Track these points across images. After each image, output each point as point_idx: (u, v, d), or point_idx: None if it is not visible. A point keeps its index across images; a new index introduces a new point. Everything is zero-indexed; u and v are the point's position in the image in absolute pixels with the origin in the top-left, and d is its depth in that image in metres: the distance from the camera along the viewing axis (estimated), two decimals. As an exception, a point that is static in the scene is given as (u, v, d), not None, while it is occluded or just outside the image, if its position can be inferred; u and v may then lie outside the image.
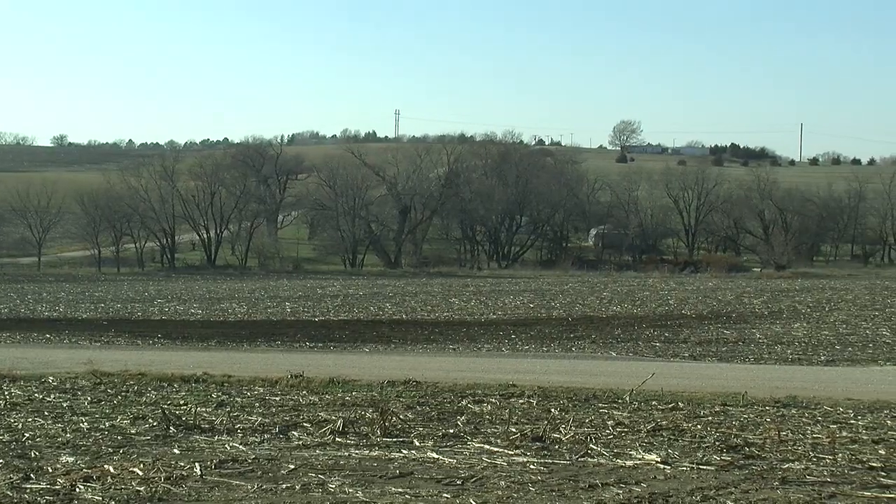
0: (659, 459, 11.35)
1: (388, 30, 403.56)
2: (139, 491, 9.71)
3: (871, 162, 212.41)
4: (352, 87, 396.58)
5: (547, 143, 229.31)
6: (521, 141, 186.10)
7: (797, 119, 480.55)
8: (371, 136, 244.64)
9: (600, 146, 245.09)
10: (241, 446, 12.12)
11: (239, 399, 16.60)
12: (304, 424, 13.78)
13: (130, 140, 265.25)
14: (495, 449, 12.01)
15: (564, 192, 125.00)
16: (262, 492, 9.81)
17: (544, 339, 37.60)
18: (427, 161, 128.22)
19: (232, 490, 9.85)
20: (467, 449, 12.05)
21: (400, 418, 14.24)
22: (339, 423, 13.40)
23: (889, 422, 14.48)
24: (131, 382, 18.80)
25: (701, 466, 11.07)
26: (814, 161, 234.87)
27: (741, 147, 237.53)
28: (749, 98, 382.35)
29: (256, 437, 12.85)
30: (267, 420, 14.10)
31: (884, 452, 11.97)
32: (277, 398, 16.69)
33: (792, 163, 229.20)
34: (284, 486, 10.04)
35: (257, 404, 15.90)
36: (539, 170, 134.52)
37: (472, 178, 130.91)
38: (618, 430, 13.51)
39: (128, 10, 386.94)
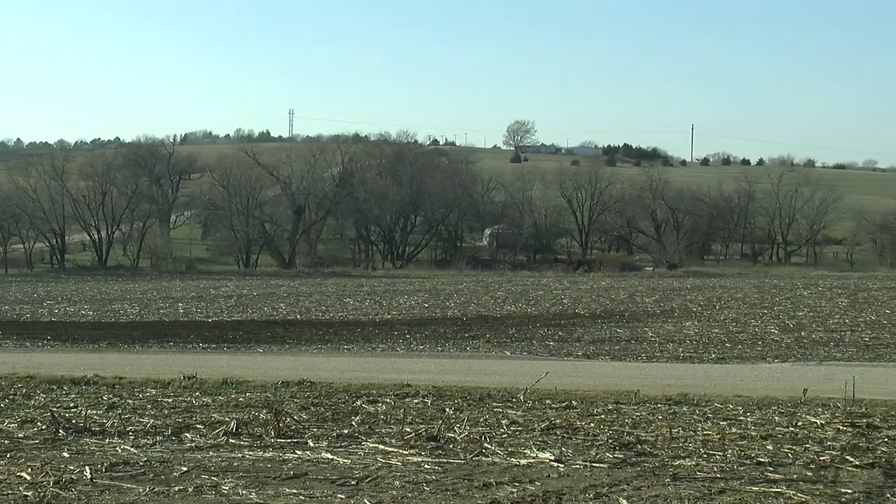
0: (552, 458, 11.40)
1: (280, 28, 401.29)
2: (27, 496, 9.51)
3: (760, 162, 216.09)
4: (245, 86, 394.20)
5: (441, 143, 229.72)
6: (416, 141, 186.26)
7: (688, 120, 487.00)
8: (265, 136, 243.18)
9: (494, 146, 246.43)
10: (132, 449, 11.95)
11: (130, 401, 16.38)
12: (197, 426, 13.64)
13: (18, 139, 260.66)
14: (390, 449, 11.99)
15: (459, 192, 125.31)
16: (153, 494, 9.68)
17: (439, 339, 37.64)
18: (321, 161, 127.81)
19: (123, 493, 9.70)
20: (362, 449, 12.01)
21: (294, 419, 14.16)
22: (233, 424, 13.29)
23: (777, 418, 14.70)
24: (19, 385, 18.47)
25: (594, 464, 11.15)
26: (705, 161, 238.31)
27: (634, 147, 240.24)
28: (641, 99, 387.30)
29: (148, 439, 12.69)
30: (159, 422, 13.92)
31: (772, 448, 12.15)
32: (170, 400, 16.51)
33: (683, 163, 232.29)
34: (177, 488, 9.92)
35: (149, 406, 15.70)
36: (433, 170, 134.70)
37: (367, 177, 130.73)
38: (512, 428, 13.55)
39: (12, 7, 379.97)
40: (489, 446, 12.12)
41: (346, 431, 13.27)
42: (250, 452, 11.78)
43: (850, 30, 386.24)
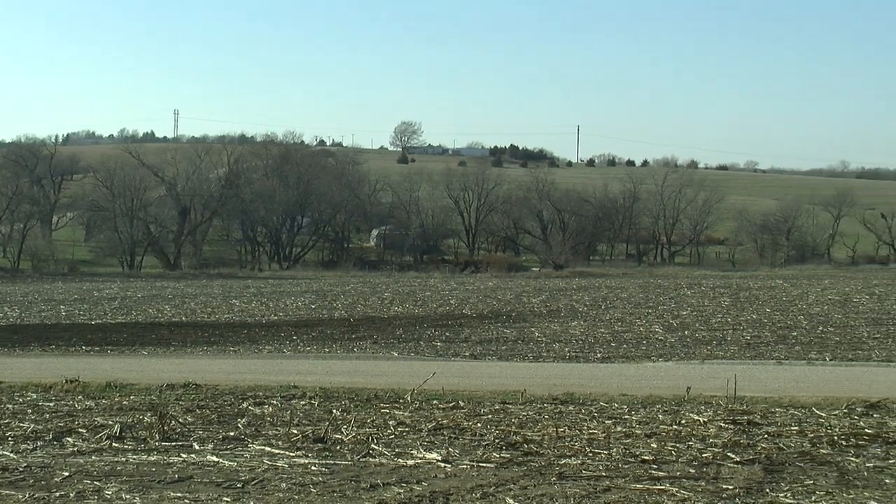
0: (440, 458, 11.43)
1: (164, 27, 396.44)
2: None
3: (645, 163, 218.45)
4: (129, 86, 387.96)
5: (328, 143, 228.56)
6: (303, 141, 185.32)
7: (574, 121, 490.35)
8: (150, 137, 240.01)
9: (381, 147, 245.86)
10: (11, 454, 11.74)
11: (10, 406, 16.08)
12: (80, 430, 13.44)
13: None
14: (276, 451, 11.93)
15: (346, 193, 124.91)
16: (34, 500, 9.52)
17: (326, 340, 37.51)
18: (207, 161, 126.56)
19: (2, 500, 9.52)
20: (248, 451, 11.94)
21: (179, 422, 14.02)
22: (117, 427, 13.13)
23: (661, 416, 14.90)
24: None
25: (481, 464, 11.20)
26: (590, 162, 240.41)
27: (520, 148, 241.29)
28: (528, 100, 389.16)
29: (28, 444, 12.47)
30: (40, 427, 13.69)
31: (656, 446, 12.32)
32: (51, 404, 16.24)
33: (569, 164, 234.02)
34: (58, 494, 9.76)
35: (30, 411, 15.43)
36: (320, 170, 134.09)
37: (253, 178, 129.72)
38: (399, 429, 13.56)
39: None
40: (376, 447, 12.12)
41: (232, 434, 13.18)
42: (134, 456, 11.64)
43: (730, 31, 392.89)
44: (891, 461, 11.59)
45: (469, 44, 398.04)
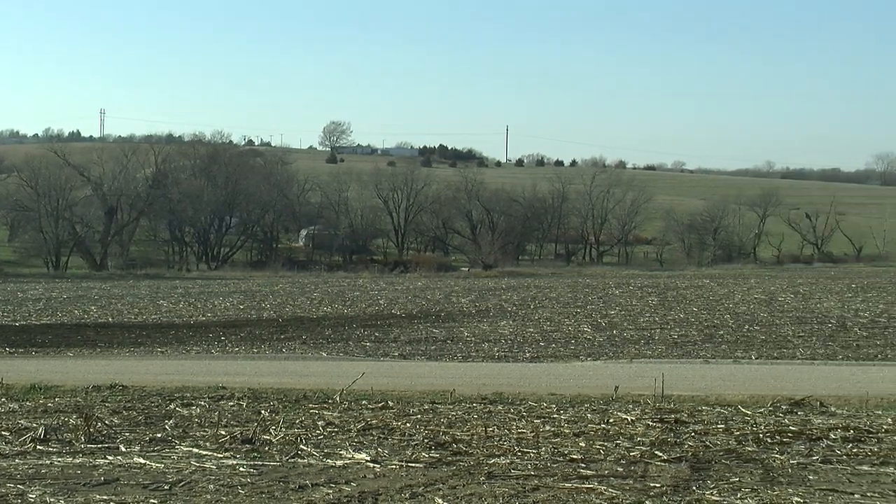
0: (369, 458, 11.42)
1: (90, 26, 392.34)
2: None
3: (574, 163, 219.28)
4: (54, 85, 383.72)
5: (257, 143, 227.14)
6: (231, 141, 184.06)
7: (503, 121, 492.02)
8: (75, 136, 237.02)
9: (310, 147, 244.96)
10: (-67, 458, 11.57)
11: (-69, 409, 15.85)
12: (3, 433, 13.28)
13: None
14: (204, 452, 11.86)
15: (274, 193, 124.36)
16: (-45, 505, 9.38)
17: (255, 341, 37.33)
18: (134, 161, 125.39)
19: (-77, 505, 9.39)
20: (175, 453, 11.85)
21: (105, 423, 13.89)
22: (41, 430, 12.98)
23: (589, 415, 14.97)
24: None
25: (410, 464, 11.19)
26: (519, 162, 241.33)
27: (449, 148, 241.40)
28: (457, 100, 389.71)
29: (-50, 448, 12.30)
30: (-38, 430, 13.50)
31: (584, 445, 12.38)
32: (-26, 407, 16.02)
33: (498, 164, 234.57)
34: (-20, 498, 9.63)
35: (-48, 414, 15.21)
36: (249, 170, 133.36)
37: (181, 178, 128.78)
38: (328, 430, 13.54)
39: None
40: (305, 448, 12.08)
41: (159, 435, 13.08)
42: (59, 459, 11.51)
43: (657, 31, 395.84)
44: (814, 458, 11.73)
45: (398, 43, 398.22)
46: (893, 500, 9.77)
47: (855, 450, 12.22)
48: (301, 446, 12.18)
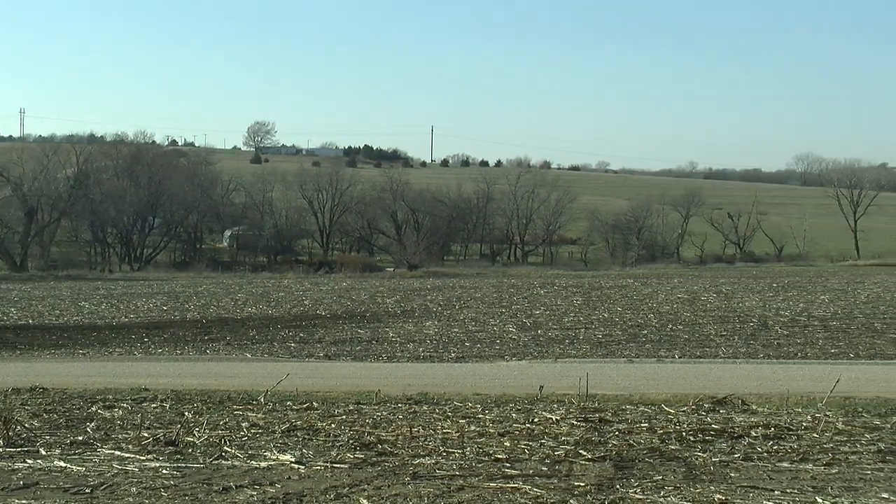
0: (293, 459, 11.38)
1: (9, 24, 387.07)
2: None
3: (499, 164, 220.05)
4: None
5: (180, 143, 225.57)
6: (154, 142, 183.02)
7: (428, 121, 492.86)
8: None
9: (235, 147, 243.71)
10: None
11: None
12: (-80, 437, 13.06)
13: None
14: (126, 455, 11.74)
15: (198, 194, 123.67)
16: None
17: (178, 342, 37.04)
18: (55, 161, 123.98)
19: None
20: (97, 456, 11.73)
21: (25, 427, 13.71)
22: (-41, 434, 12.78)
23: (514, 415, 15.01)
24: None
25: (335, 465, 11.17)
26: (444, 163, 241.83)
27: (374, 149, 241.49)
28: (382, 100, 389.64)
29: None
30: None
31: (509, 444, 12.41)
32: None
33: (424, 164, 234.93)
34: None
35: None
36: (172, 171, 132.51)
37: (103, 179, 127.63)
38: (252, 431, 13.47)
39: None
40: (229, 449, 12.01)
41: (80, 438, 12.94)
42: (-22, 463, 11.35)
43: (582, 31, 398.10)
44: (736, 455, 11.85)
45: (322, 43, 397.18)
46: (812, 496, 9.90)
47: (775, 447, 12.37)
48: (225, 448, 12.11)
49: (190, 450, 12.09)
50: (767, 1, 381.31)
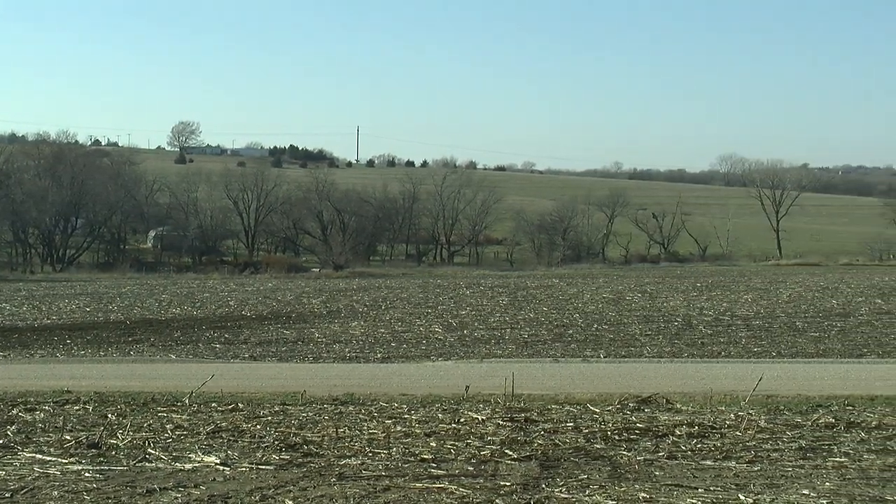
0: (218, 461, 11.30)
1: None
2: None
3: (425, 164, 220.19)
4: None
5: (103, 143, 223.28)
6: (77, 141, 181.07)
7: (354, 122, 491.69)
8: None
9: (159, 147, 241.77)
10: None
11: None
12: None
13: None
14: (48, 458, 11.60)
15: (122, 194, 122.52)
16: None
17: (101, 344, 36.70)
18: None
19: None
20: (17, 459, 11.57)
21: (-56, 431, 13.51)
22: None
23: (440, 415, 15.02)
24: None
25: (260, 466, 11.11)
26: (370, 163, 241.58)
27: (300, 149, 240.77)
28: (307, 100, 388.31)
29: None
30: None
31: (435, 445, 12.41)
32: None
33: (349, 164, 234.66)
34: None
35: None
36: (95, 171, 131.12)
37: (25, 178, 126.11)
38: (177, 433, 13.36)
39: None
40: (153, 451, 11.90)
41: (0, 442, 12.75)
42: None
43: (506, 31, 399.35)
44: (660, 454, 11.94)
45: (247, 42, 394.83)
46: (735, 493, 9.99)
47: (699, 445, 12.47)
48: (149, 450, 11.99)
49: (113, 452, 11.97)
50: (689, 2, 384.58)
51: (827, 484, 10.45)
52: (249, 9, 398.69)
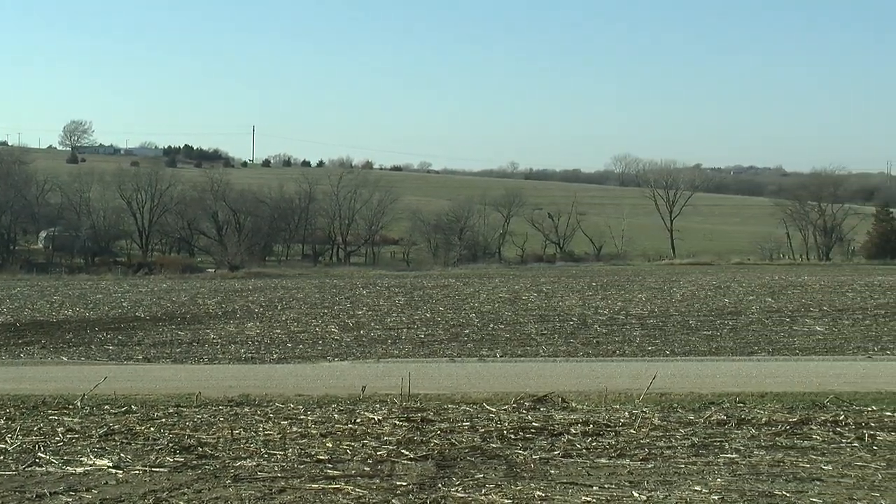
0: (111, 464, 11.17)
1: None
2: None
3: (321, 164, 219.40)
4: None
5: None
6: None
7: (249, 121, 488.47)
8: None
9: (50, 147, 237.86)
10: None
11: None
12: None
13: None
14: (-66, 464, 11.37)
15: (11, 194, 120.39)
16: None
17: (-9, 346, 36.07)
18: None
19: None
20: None
21: None
22: None
23: (336, 416, 14.98)
24: None
25: (154, 469, 11.00)
26: (266, 163, 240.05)
27: (195, 149, 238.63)
28: (202, 100, 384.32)
29: None
30: None
31: (331, 445, 12.38)
32: None
33: (245, 164, 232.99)
34: None
35: None
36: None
37: None
38: (68, 436, 13.17)
39: None
40: (43, 455, 11.72)
41: None
42: None
43: (402, 31, 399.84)
44: (555, 452, 12.02)
45: (140, 41, 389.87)
46: (629, 491, 10.10)
47: (594, 444, 12.58)
48: (39, 454, 11.81)
49: (2, 457, 11.77)
50: (583, 1, 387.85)
51: (718, 480, 10.61)
52: (142, 8, 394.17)
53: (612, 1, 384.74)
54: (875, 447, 12.54)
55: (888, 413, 15.12)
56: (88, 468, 11.05)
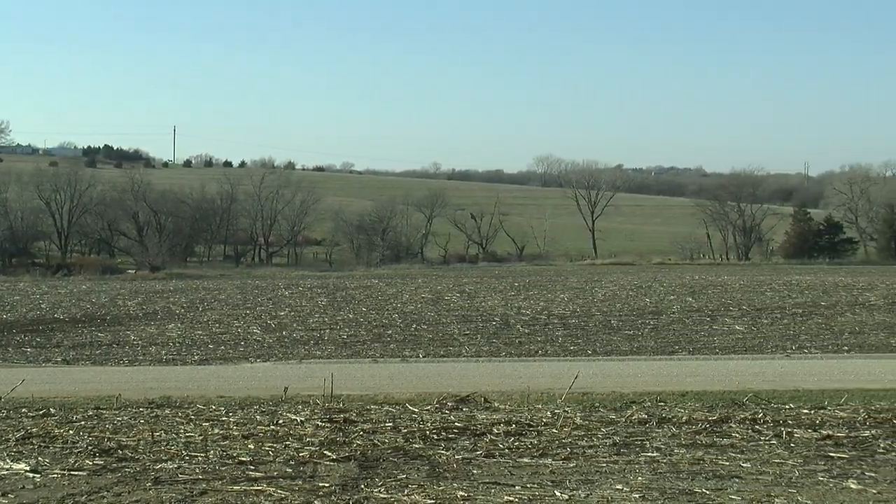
0: (28, 468, 11.04)
1: None
2: None
3: (243, 164, 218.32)
4: None
5: None
6: None
7: (170, 121, 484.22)
8: None
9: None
10: None
11: None
12: None
13: None
14: None
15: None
16: None
17: None
18: None
19: None
20: None
21: None
22: None
23: (259, 417, 14.92)
24: None
25: (72, 472, 10.89)
26: (187, 163, 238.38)
27: (115, 149, 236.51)
28: (122, 99, 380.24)
29: None
30: None
31: (253, 447, 12.33)
32: None
33: (166, 165, 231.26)
34: None
35: None
36: None
37: None
38: (-16, 440, 13.00)
39: None
40: (-41, 460, 11.55)
41: None
42: None
43: (324, 30, 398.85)
44: (478, 452, 12.05)
45: (57, 40, 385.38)
46: (551, 490, 10.15)
47: (516, 443, 12.63)
48: (-45, 459, 11.65)
49: (-85, 462, 11.59)
50: (505, 2, 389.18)
51: (640, 478, 10.70)
52: (60, 7, 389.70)
53: (527, 1, 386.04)
54: (793, 444, 12.72)
55: (805, 411, 15.34)
56: (5, 472, 10.91)
